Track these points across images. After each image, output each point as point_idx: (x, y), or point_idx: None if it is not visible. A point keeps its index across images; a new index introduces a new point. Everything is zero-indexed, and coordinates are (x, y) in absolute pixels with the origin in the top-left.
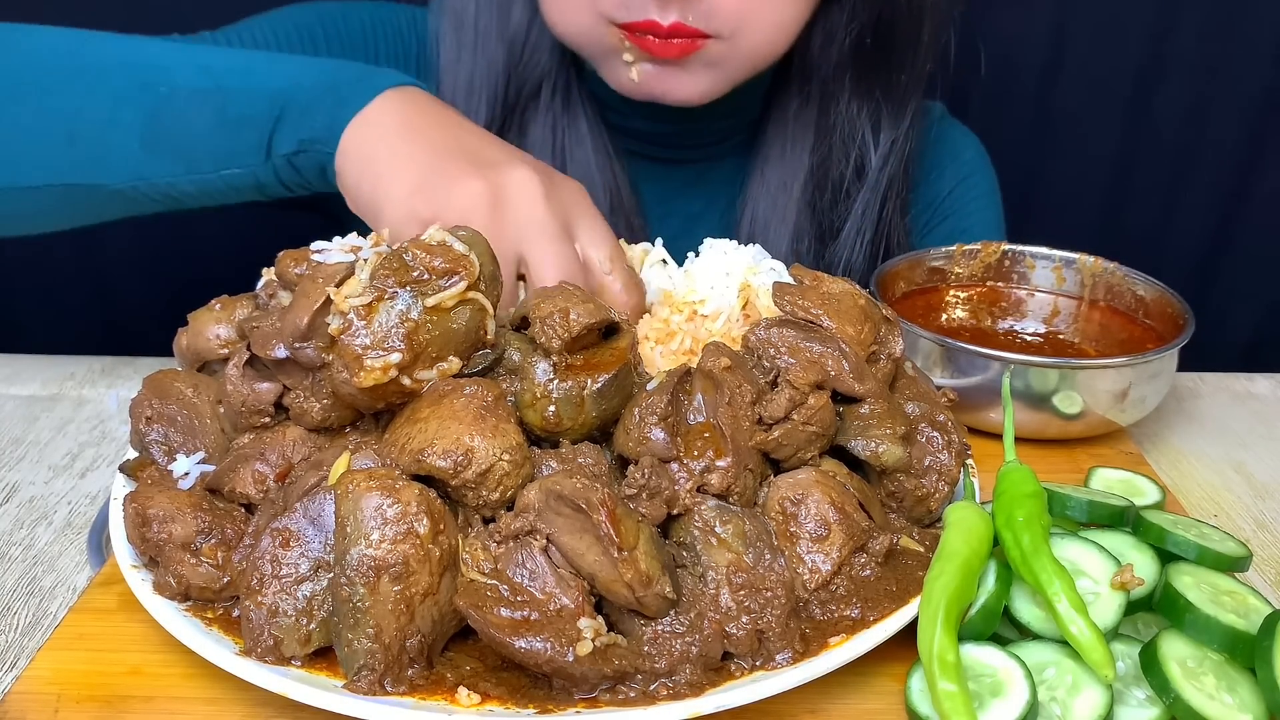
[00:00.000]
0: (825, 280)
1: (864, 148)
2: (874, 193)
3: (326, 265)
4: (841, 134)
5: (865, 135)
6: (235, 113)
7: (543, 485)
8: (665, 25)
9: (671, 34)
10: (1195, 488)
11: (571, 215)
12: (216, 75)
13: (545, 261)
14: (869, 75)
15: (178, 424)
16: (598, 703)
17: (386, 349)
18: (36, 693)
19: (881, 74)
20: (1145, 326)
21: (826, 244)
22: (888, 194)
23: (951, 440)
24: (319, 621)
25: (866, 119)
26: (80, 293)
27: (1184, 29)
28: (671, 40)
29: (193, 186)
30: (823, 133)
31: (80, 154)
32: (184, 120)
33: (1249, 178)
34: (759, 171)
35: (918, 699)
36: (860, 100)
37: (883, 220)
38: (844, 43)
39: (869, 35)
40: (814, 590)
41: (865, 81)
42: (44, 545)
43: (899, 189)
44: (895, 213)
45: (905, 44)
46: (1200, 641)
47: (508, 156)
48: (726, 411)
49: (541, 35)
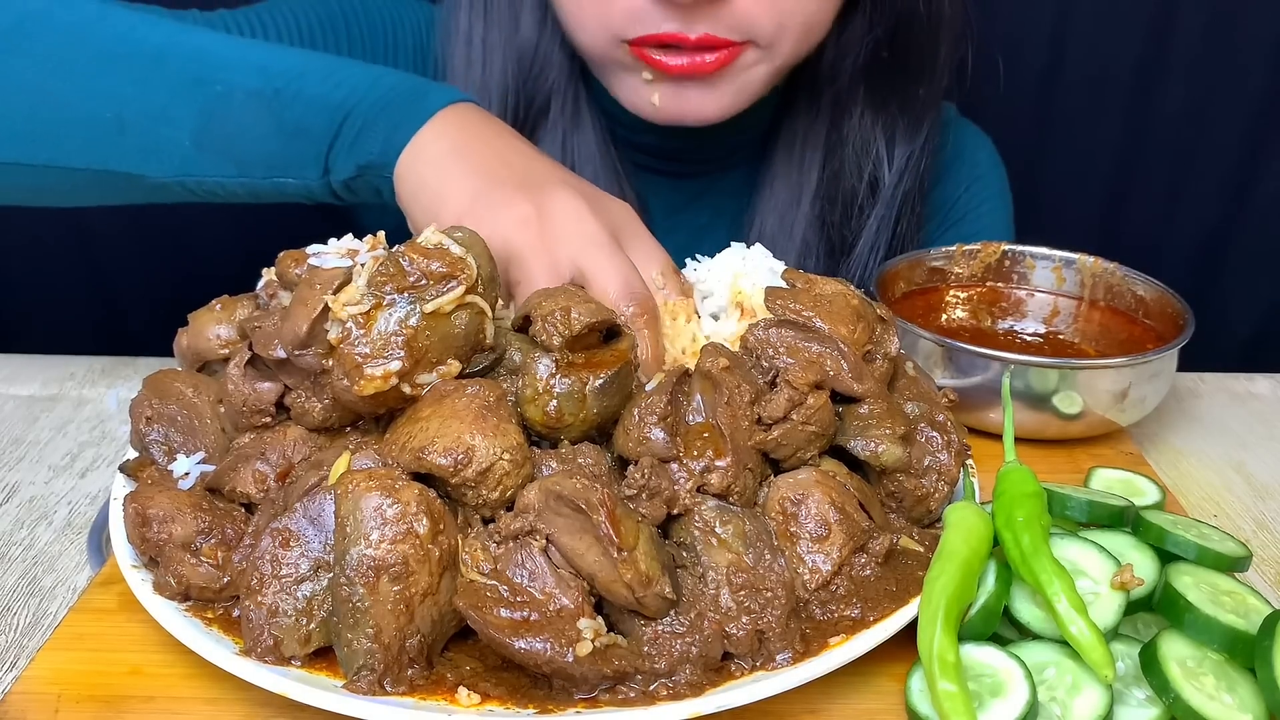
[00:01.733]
0: (818, 282)
1: (878, 162)
2: (888, 209)
3: (323, 270)
4: (854, 148)
5: (880, 150)
6: (292, 122)
7: (543, 485)
8: (693, 38)
9: (700, 46)
10: (1195, 488)
11: (621, 232)
12: (272, 77)
13: (604, 272)
14: (884, 88)
15: (178, 424)
16: (598, 703)
17: (386, 357)
18: (36, 693)
19: (898, 87)
20: (1145, 326)
21: (837, 259)
22: (902, 209)
23: (951, 440)
24: (319, 621)
25: (881, 133)
26: (80, 293)
27: (1184, 29)
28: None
29: (240, 188)
30: (834, 146)
31: (129, 143)
32: (239, 122)
33: (1249, 178)
34: (768, 185)
35: (918, 699)
36: (875, 113)
37: (896, 237)
38: (860, 54)
39: (885, 47)
40: (814, 590)
41: (880, 94)
42: (44, 545)
43: (914, 204)
44: (910, 228)
45: (923, 56)
46: (1200, 641)
47: (556, 177)
48: (725, 411)
49: (550, 49)
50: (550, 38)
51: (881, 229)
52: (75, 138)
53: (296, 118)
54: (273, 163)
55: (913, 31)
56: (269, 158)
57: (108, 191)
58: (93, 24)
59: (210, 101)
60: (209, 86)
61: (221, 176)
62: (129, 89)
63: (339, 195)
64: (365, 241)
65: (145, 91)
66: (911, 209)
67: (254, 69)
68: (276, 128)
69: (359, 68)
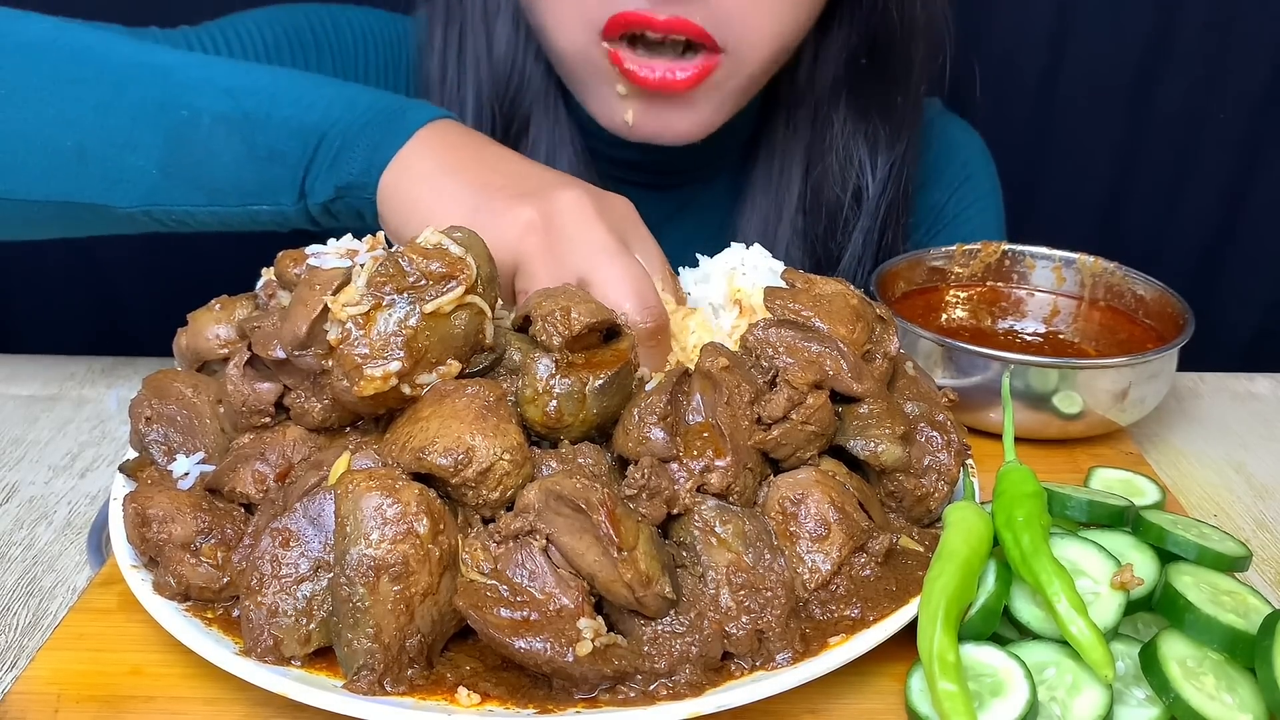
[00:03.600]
0: (817, 282)
1: (861, 172)
2: (873, 219)
3: (323, 270)
4: (836, 158)
5: (862, 159)
6: (265, 147)
7: (542, 485)
8: (661, 19)
9: (668, 29)
10: (1195, 488)
11: (627, 234)
12: (241, 99)
13: (614, 280)
14: (864, 97)
15: (177, 424)
16: (598, 703)
17: (386, 358)
18: (36, 693)
19: (876, 96)
20: (1145, 326)
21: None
22: (887, 220)
23: (951, 440)
24: (319, 621)
25: (863, 142)
26: (80, 293)
27: (1184, 29)
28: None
29: (211, 217)
30: (815, 158)
31: (92, 172)
32: (207, 148)
33: (1249, 178)
34: (749, 198)
35: (918, 699)
36: (855, 123)
37: (882, 249)
38: (837, 64)
39: (863, 55)
40: (814, 590)
41: (860, 104)
42: (44, 545)
43: (899, 214)
44: (896, 239)
45: (900, 64)
46: (1200, 641)
47: (553, 180)
48: (725, 411)
49: (526, 63)
50: (525, 51)
51: (867, 241)
52: (33, 167)
53: (269, 142)
54: (246, 189)
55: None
56: (241, 184)
57: (72, 223)
58: (47, 45)
59: (177, 127)
60: (174, 111)
61: (191, 205)
62: (89, 115)
63: (316, 220)
64: (365, 242)
65: (107, 117)
66: (896, 219)
67: (221, 91)
68: (248, 153)
69: (331, 86)
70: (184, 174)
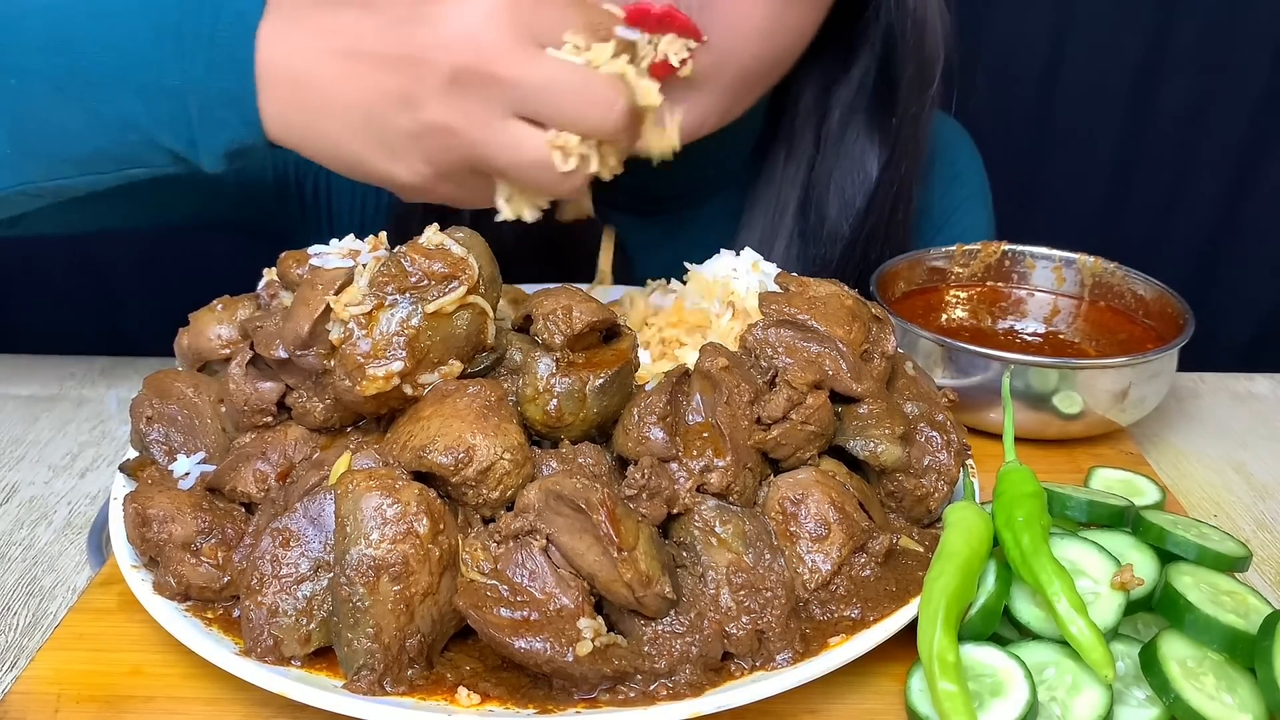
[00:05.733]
0: (811, 284)
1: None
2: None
3: (325, 270)
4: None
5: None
6: (110, 114)
7: (543, 485)
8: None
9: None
10: (1195, 488)
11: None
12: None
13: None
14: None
15: (178, 424)
16: (598, 703)
17: (388, 357)
18: (36, 693)
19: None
20: (1145, 326)
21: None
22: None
23: (951, 440)
24: (319, 621)
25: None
26: (80, 293)
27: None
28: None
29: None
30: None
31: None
32: (50, 120)
33: (1249, 178)
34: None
35: (918, 699)
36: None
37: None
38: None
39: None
40: (814, 590)
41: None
42: (44, 545)
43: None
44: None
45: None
46: (1200, 641)
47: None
48: (725, 411)
49: None
50: None
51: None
52: None
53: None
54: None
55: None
56: (103, 154)
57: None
58: None
59: (11, 101)
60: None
61: (62, 179)
62: None
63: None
64: (367, 242)
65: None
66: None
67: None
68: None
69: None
70: (39, 150)
